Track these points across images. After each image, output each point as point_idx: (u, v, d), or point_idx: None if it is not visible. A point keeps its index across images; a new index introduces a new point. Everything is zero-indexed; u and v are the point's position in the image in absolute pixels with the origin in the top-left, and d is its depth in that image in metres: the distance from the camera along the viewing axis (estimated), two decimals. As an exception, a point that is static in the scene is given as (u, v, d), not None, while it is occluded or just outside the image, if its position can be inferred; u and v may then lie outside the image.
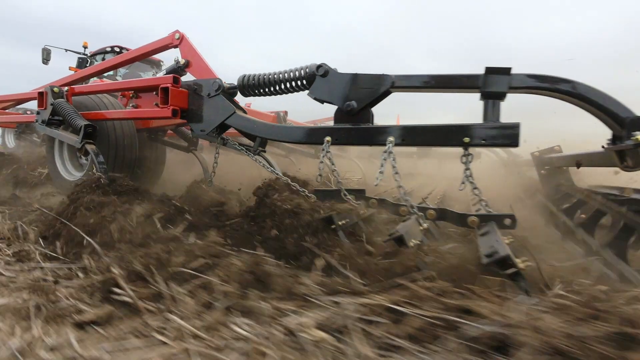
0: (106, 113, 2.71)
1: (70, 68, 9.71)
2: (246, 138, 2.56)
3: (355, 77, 1.90)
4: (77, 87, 2.87)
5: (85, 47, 10.14)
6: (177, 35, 3.14)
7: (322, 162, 1.96)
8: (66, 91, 2.81)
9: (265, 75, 2.20)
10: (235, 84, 2.33)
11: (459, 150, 1.69)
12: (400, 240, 1.43)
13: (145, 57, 3.36)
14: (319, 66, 1.99)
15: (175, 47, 3.21)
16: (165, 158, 3.85)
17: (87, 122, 2.53)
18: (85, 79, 3.62)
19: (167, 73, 3.37)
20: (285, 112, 4.05)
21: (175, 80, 2.37)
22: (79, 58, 10.02)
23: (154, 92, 2.52)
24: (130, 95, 3.70)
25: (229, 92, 2.36)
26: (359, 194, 2.20)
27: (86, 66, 10.18)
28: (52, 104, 2.71)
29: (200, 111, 2.40)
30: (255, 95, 2.31)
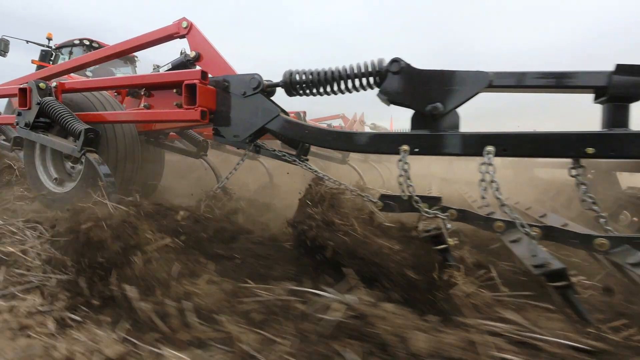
0: (110, 115, 2.24)
1: (32, 61, 8.80)
2: (287, 145, 2.20)
3: (441, 74, 1.59)
4: (69, 83, 2.37)
5: (49, 39, 9.21)
6: (184, 24, 2.69)
7: (401, 175, 1.64)
8: (55, 87, 2.31)
9: (319, 71, 1.84)
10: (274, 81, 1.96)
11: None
12: (558, 276, 1.13)
13: (146, 47, 2.88)
14: (394, 61, 1.66)
15: (182, 37, 2.77)
16: (164, 164, 3.38)
17: (87, 126, 2.06)
18: (64, 73, 3.08)
19: (172, 67, 2.92)
20: (304, 113, 3.69)
21: (204, 76, 1.96)
22: (43, 51, 9.10)
23: (174, 90, 2.09)
24: (124, 94, 3.20)
25: (266, 92, 1.99)
26: (432, 202, 1.88)
27: (51, 60, 9.25)
28: (38, 103, 2.21)
29: (232, 113, 2.01)
30: (302, 94, 1.94)
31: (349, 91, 1.84)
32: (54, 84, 2.30)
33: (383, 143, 1.72)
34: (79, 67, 2.97)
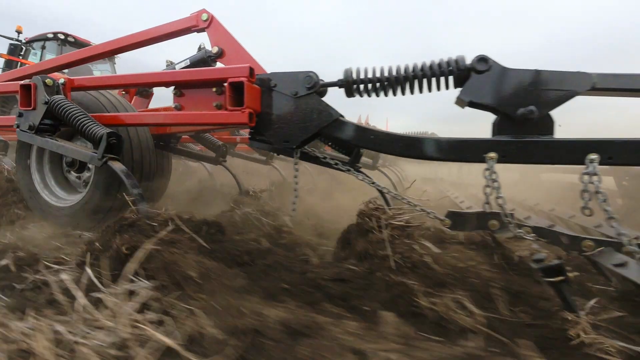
0: (133, 117, 1.94)
1: (1, 55, 8.10)
2: (339, 150, 1.99)
3: (537, 74, 1.44)
4: (79, 80, 2.05)
5: (19, 32, 8.51)
6: (204, 16, 2.44)
7: (488, 186, 1.48)
8: (62, 84, 1.99)
9: (387, 70, 1.65)
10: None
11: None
12: None
13: (159, 40, 2.59)
14: (481, 59, 1.49)
15: (201, 30, 2.51)
16: (171, 170, 3.08)
17: (108, 130, 1.77)
18: (62, 68, 2.73)
19: (191, 64, 2.65)
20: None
21: (251, 73, 1.72)
22: (11, 44, 8.40)
23: (213, 89, 1.83)
24: (132, 93, 2.89)
25: (318, 92, 1.77)
26: (495, 217, 1.73)
27: (20, 54, 8.55)
28: (46, 103, 1.88)
29: (280, 115, 1.78)
30: (363, 94, 1.74)
31: (420, 92, 1.66)
32: (61, 80, 1.97)
33: (465, 150, 1.55)
34: (82, 60, 2.64)
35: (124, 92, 2.77)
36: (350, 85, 1.71)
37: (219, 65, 2.64)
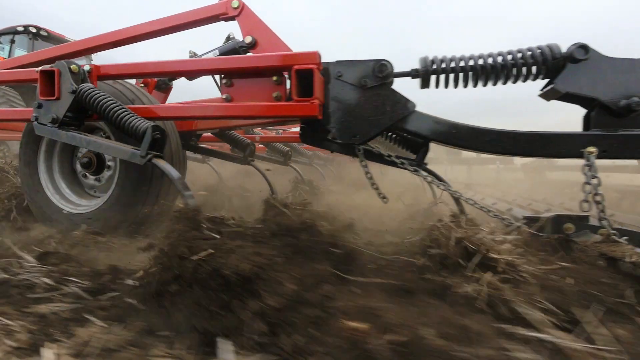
0: (178, 109, 1.71)
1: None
2: (405, 147, 1.84)
3: (643, 63, 1.36)
4: (105, 67, 1.79)
5: (-16, 25, 7.79)
6: (235, 3, 2.24)
7: (588, 183, 1.38)
8: (89, 71, 1.73)
9: (470, 59, 1.52)
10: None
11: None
12: None
13: (184, 28, 2.35)
14: (580, 47, 1.39)
15: (230, 19, 2.31)
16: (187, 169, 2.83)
17: (153, 123, 1.54)
18: (76, 55, 2.44)
19: (221, 54, 2.42)
20: None
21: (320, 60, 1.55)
22: (-24, 38, 7.67)
23: (274, 78, 1.64)
24: (152, 85, 2.64)
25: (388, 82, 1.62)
26: (571, 221, 1.63)
27: (-13, 49, 7.84)
28: (73, 92, 1.62)
29: (347, 108, 1.62)
30: (439, 86, 1.61)
31: (504, 83, 1.55)
32: (87, 67, 1.71)
33: (561, 145, 1.45)
34: (89, 50, 2.36)
35: (142, 85, 2.51)
36: (429, 75, 1.57)
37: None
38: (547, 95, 1.51)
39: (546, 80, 1.51)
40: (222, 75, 1.70)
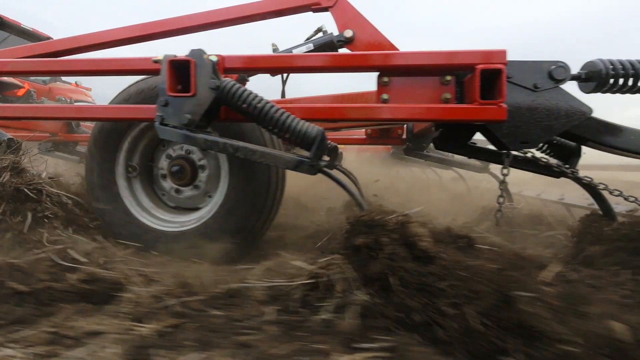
0: (337, 110, 1.47)
1: None
2: (553, 153, 1.76)
3: None
4: (231, 59, 1.50)
5: None
6: (329, -7, 2.05)
7: None
8: (216, 62, 1.44)
9: (650, 62, 1.48)
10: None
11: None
12: None
13: (266, 18, 2.12)
14: None
15: (321, 10, 2.12)
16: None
17: (321, 128, 1.32)
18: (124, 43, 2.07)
19: (314, 49, 2.20)
20: None
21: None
22: None
23: (446, 77, 1.48)
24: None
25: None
26: None
27: None
28: (215, 88, 1.33)
29: (517, 112, 1.51)
30: (608, 91, 1.55)
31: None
32: (214, 58, 1.42)
33: None
34: (162, 34, 2.04)
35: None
36: (606, 79, 1.51)
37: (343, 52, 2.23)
38: None
39: None
40: (380, 73, 1.51)
